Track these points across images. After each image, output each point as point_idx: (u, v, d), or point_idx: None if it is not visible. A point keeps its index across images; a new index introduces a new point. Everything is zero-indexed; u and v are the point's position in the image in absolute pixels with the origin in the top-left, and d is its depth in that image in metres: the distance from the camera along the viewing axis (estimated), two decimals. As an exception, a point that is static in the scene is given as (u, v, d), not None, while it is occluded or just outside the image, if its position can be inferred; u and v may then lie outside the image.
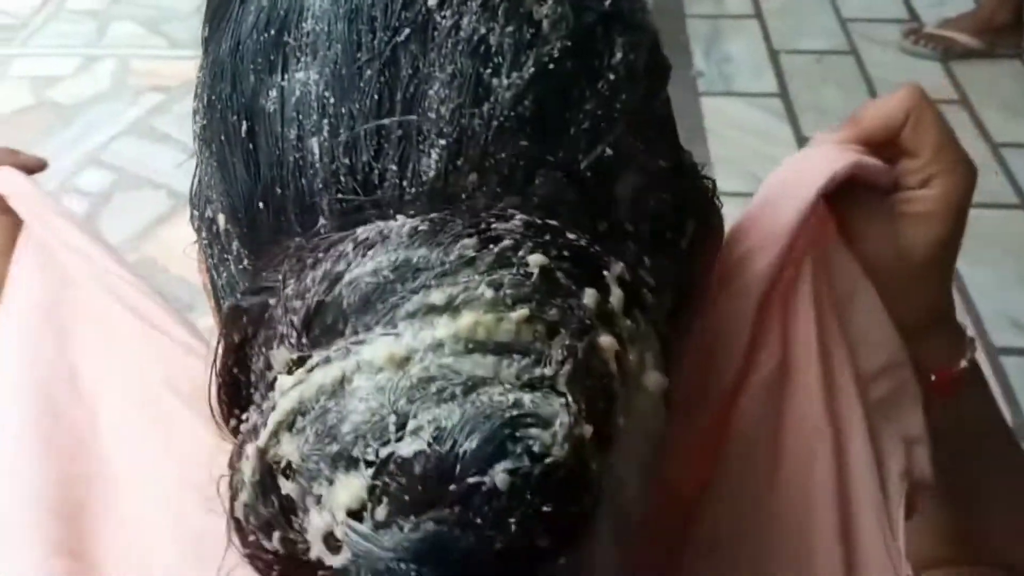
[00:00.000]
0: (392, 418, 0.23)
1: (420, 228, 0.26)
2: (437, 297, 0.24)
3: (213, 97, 0.30)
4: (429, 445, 0.23)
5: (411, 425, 0.23)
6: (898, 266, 0.42)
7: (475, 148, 0.27)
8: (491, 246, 0.25)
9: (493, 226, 0.26)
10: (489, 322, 0.24)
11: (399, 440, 0.23)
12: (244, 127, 0.29)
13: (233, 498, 0.26)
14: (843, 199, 0.42)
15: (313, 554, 0.25)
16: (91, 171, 2.05)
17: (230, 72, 0.30)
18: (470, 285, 0.25)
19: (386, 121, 0.27)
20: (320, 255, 0.26)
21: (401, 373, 0.24)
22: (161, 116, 2.21)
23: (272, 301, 0.27)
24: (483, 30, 0.27)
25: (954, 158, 0.41)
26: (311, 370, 0.25)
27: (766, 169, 0.43)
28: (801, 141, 2.12)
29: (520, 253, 0.25)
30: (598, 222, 0.28)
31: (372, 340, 0.24)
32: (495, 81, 0.27)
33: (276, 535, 0.25)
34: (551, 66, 0.28)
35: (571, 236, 0.26)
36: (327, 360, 0.25)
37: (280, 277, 0.27)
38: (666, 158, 0.31)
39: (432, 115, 0.27)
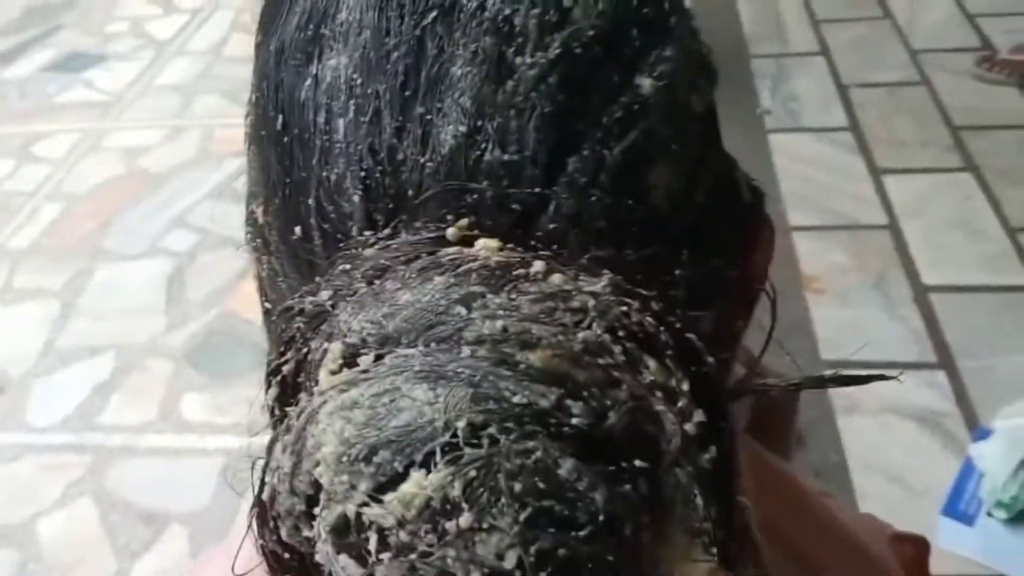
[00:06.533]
0: (441, 426, 0.23)
1: (496, 262, 0.26)
2: (501, 328, 0.24)
3: (258, 95, 0.31)
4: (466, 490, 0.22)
5: (462, 435, 0.23)
6: None
7: (495, 123, 0.27)
8: (568, 301, 0.25)
9: (580, 283, 0.25)
10: (555, 362, 0.24)
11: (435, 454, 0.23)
12: (280, 120, 0.29)
13: (263, 483, 0.26)
14: None
15: (320, 553, 0.24)
16: (177, 233, 2.14)
17: (273, 70, 0.30)
18: (543, 331, 0.24)
19: (408, 95, 0.27)
20: (378, 263, 0.26)
21: (459, 387, 0.23)
22: (243, 180, 2.30)
23: (329, 305, 0.27)
24: (508, 11, 0.27)
25: None
26: (366, 371, 0.25)
27: (839, 203, 0.42)
28: (875, 173, 2.08)
29: (599, 319, 0.25)
30: (634, 208, 0.28)
31: (432, 353, 0.24)
32: (518, 60, 0.27)
33: (294, 525, 0.25)
34: (578, 49, 0.27)
35: (651, 310, 0.26)
36: (383, 364, 0.25)
37: (335, 287, 0.27)
38: (704, 153, 0.31)
39: (454, 93, 0.27)
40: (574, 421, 0.23)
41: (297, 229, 0.29)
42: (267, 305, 0.33)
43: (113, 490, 1.54)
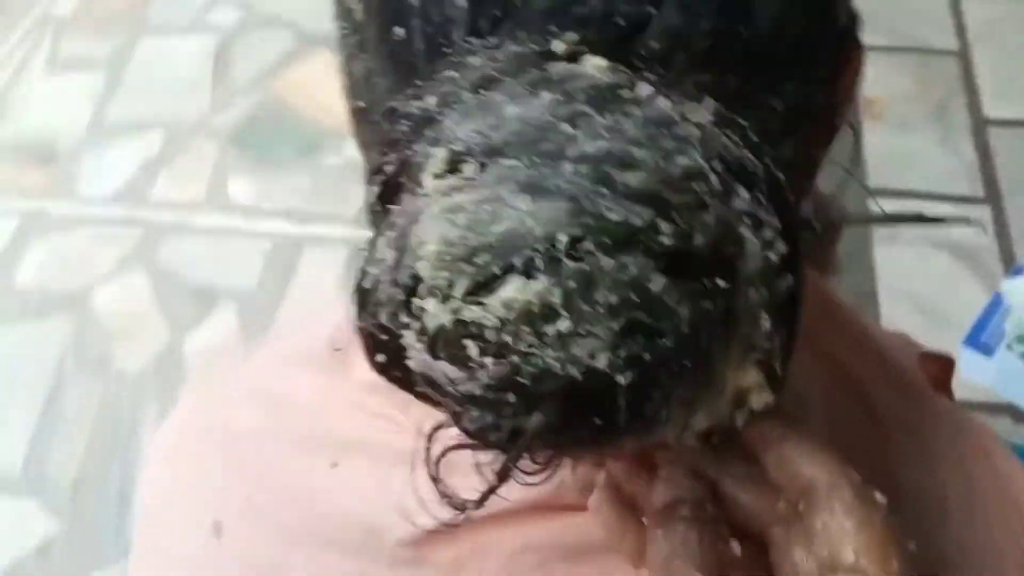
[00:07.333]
0: (540, 236, 0.24)
1: (604, 82, 0.26)
2: (604, 148, 0.25)
3: None
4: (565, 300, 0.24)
5: (562, 247, 0.24)
6: None
7: None
8: (671, 128, 0.26)
9: (684, 109, 0.26)
10: (651, 184, 0.25)
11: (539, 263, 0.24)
12: None
13: (364, 272, 0.28)
14: None
15: (415, 359, 0.26)
16: (222, 7, 2.08)
17: None
18: (644, 155, 0.25)
19: None
20: (485, 73, 0.27)
21: (559, 201, 0.24)
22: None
23: (435, 111, 0.27)
24: None
25: None
26: (471, 178, 0.25)
27: (910, 24, 0.40)
28: (953, -8, 1.95)
29: (699, 147, 0.26)
30: (738, 29, 0.28)
31: (535, 167, 0.25)
32: None
33: (393, 312, 0.27)
34: None
35: (749, 141, 0.27)
36: (487, 172, 0.25)
37: (442, 93, 0.27)
38: None
39: None
40: (664, 240, 0.25)
41: (398, 30, 0.29)
42: (360, 103, 0.33)
43: (165, 265, 1.60)
